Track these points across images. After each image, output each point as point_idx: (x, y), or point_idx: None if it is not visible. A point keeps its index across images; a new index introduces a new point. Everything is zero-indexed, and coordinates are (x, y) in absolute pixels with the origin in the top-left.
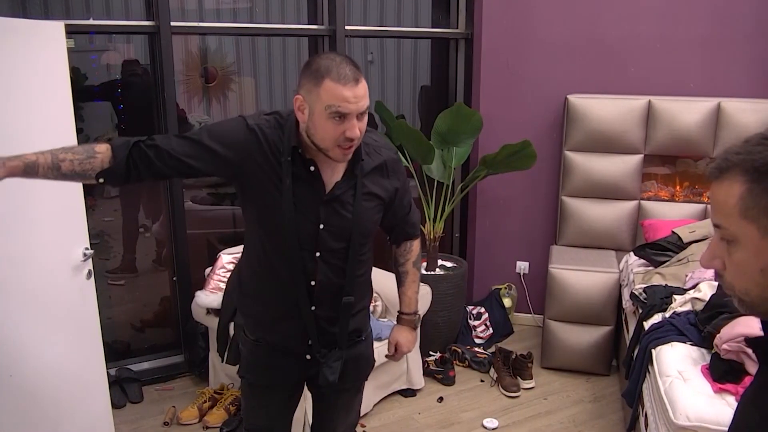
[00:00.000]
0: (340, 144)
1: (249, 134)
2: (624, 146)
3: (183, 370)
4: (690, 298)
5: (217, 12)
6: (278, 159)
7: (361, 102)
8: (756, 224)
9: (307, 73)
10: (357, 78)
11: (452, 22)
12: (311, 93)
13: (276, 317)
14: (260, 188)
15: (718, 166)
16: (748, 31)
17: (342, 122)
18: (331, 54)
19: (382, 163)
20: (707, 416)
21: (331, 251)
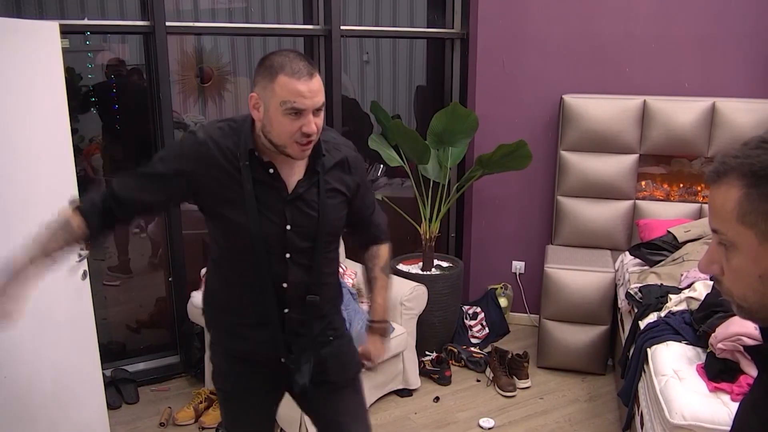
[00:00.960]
0: (297, 140)
1: (200, 147)
2: (619, 146)
3: (179, 370)
4: (685, 298)
5: (212, 12)
6: (236, 165)
7: (317, 97)
8: (754, 230)
9: (261, 69)
10: (311, 73)
11: (448, 22)
12: (266, 89)
13: (247, 325)
14: (221, 198)
15: (716, 170)
16: (742, 31)
17: (298, 118)
18: (284, 51)
19: (342, 159)
20: (702, 415)
21: (300, 251)
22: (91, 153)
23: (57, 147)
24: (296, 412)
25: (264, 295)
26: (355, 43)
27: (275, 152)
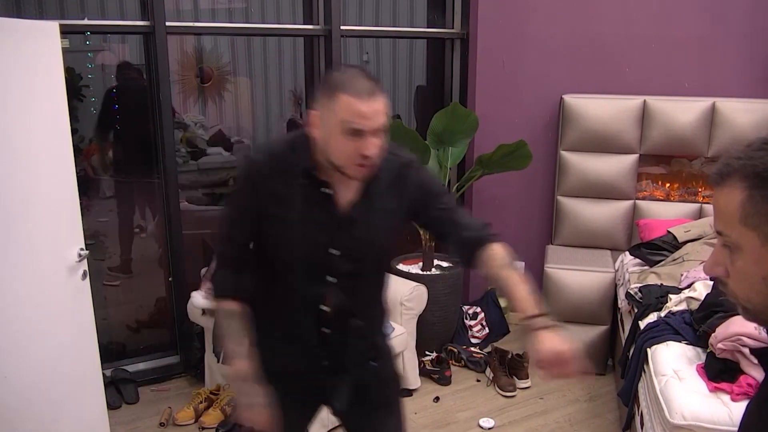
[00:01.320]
0: (356, 161)
1: (253, 171)
2: (619, 146)
3: (179, 370)
4: (685, 298)
5: (212, 12)
6: (291, 183)
7: (378, 118)
8: (757, 232)
9: (324, 87)
10: (373, 92)
11: (447, 22)
12: (326, 108)
13: (287, 343)
14: (274, 217)
15: (719, 171)
16: (742, 31)
17: (357, 139)
18: (347, 68)
19: (400, 177)
20: (703, 415)
21: (345, 274)
22: (91, 153)
23: (57, 147)
24: None
25: (304, 315)
26: (355, 43)
27: (332, 170)
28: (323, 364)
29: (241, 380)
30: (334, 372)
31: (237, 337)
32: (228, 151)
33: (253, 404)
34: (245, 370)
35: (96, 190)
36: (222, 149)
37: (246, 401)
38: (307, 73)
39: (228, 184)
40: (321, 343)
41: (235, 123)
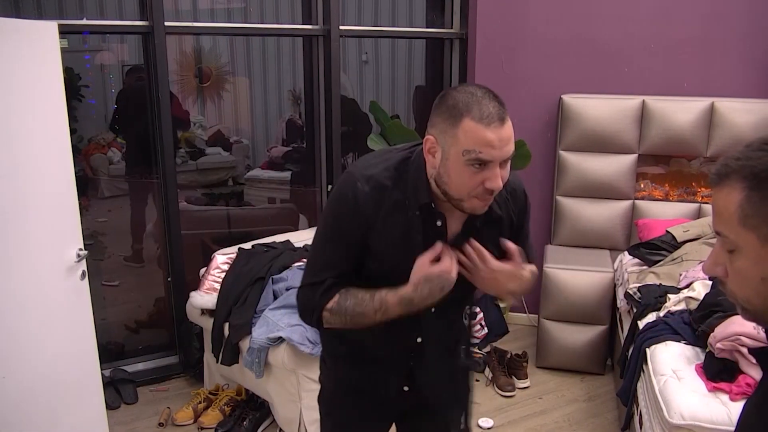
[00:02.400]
0: (477, 195)
1: (358, 203)
2: (618, 146)
3: (177, 370)
4: (684, 297)
5: (211, 12)
6: (400, 216)
7: (507, 147)
8: (756, 232)
9: (442, 109)
10: (503, 117)
11: (447, 22)
12: (446, 134)
13: (374, 362)
14: (379, 249)
15: (717, 172)
16: (741, 31)
17: (482, 170)
18: (470, 87)
19: (504, 214)
20: (701, 415)
21: (445, 307)
22: (90, 153)
23: (56, 147)
24: (295, 413)
25: (396, 344)
26: (354, 43)
27: (445, 202)
28: (404, 389)
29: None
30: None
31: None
32: (227, 151)
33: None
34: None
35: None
36: (221, 149)
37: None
38: (305, 73)
39: (227, 184)
40: (408, 366)
41: (233, 123)
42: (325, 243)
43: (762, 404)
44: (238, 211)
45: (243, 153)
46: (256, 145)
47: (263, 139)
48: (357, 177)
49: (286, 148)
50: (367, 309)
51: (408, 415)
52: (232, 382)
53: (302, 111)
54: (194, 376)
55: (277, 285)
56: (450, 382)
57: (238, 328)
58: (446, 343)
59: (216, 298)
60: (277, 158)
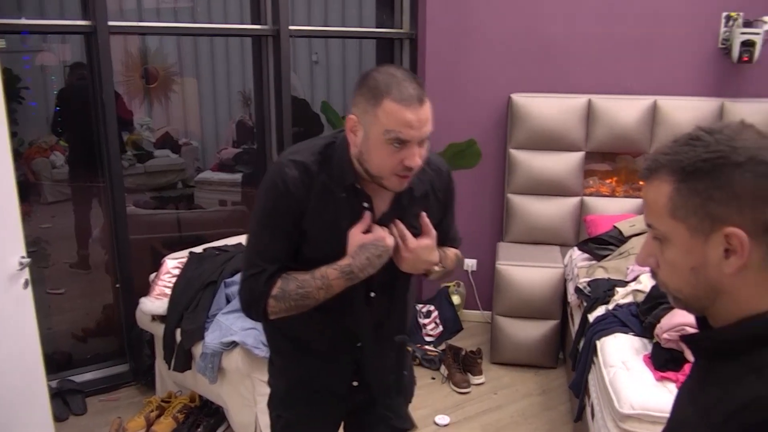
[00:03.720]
0: (397, 172)
1: (288, 187)
2: (566, 144)
3: (128, 379)
4: (631, 290)
5: (156, 12)
6: (328, 198)
7: (425, 127)
8: (685, 224)
9: (364, 89)
10: (421, 99)
11: (396, 23)
12: (367, 114)
13: (321, 355)
14: (311, 234)
15: (648, 166)
16: (682, 31)
17: (401, 149)
18: (391, 68)
19: (431, 187)
20: (650, 404)
21: (383, 289)
22: (32, 157)
23: None
24: (250, 417)
25: (343, 333)
26: (304, 44)
27: (370, 183)
28: (353, 384)
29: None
30: (362, 388)
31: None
32: (176, 153)
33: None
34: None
35: (38, 195)
36: (170, 151)
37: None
38: (255, 74)
39: (177, 187)
40: (355, 360)
41: (182, 125)
42: (261, 232)
43: (694, 389)
44: (188, 215)
45: (192, 155)
46: (205, 147)
47: (213, 141)
48: (284, 163)
49: (237, 150)
50: (310, 288)
51: (357, 412)
52: (185, 389)
53: (252, 112)
54: (145, 384)
55: (229, 289)
56: (395, 374)
57: (191, 333)
58: (389, 328)
59: (167, 303)
60: (227, 160)
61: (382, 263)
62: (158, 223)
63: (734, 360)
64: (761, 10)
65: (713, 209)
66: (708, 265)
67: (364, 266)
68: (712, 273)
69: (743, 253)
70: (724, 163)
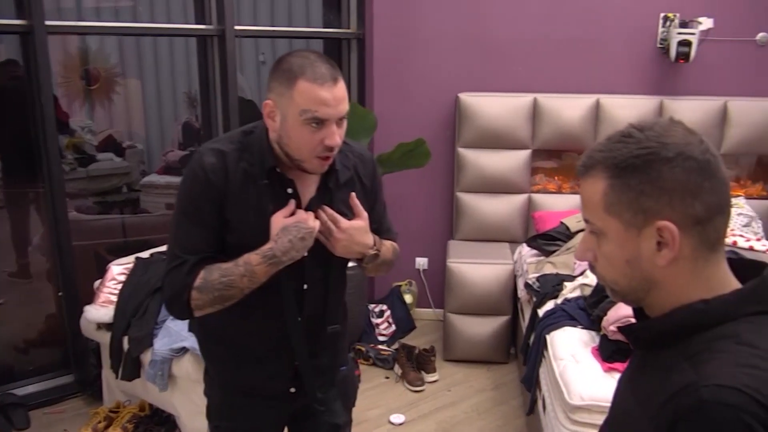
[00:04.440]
0: (317, 154)
1: (207, 175)
2: (513, 142)
3: (73, 390)
4: (579, 284)
5: (96, 11)
6: (250, 184)
7: (341, 105)
8: (619, 218)
9: (278, 73)
10: (335, 77)
11: (343, 23)
12: (283, 96)
13: (255, 358)
14: (236, 223)
15: (583, 164)
16: (623, 31)
17: (320, 129)
18: (303, 51)
19: (357, 171)
20: (599, 395)
21: (316, 279)
22: None
23: None
24: (203, 424)
25: (276, 329)
26: (250, 44)
27: (290, 166)
28: (291, 390)
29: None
30: (301, 388)
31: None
32: (120, 156)
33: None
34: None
35: None
36: (113, 155)
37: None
38: (201, 75)
39: (121, 191)
40: (294, 354)
41: (126, 127)
42: (181, 222)
43: (633, 378)
44: (133, 219)
45: (137, 158)
46: (151, 150)
47: (158, 143)
48: (203, 152)
49: (184, 152)
50: (233, 277)
51: (299, 418)
52: (134, 398)
53: (199, 113)
54: (92, 395)
55: None
56: (331, 370)
57: (139, 340)
58: (327, 318)
59: (113, 310)
60: (174, 162)
61: (306, 246)
62: (102, 228)
63: (669, 348)
64: (697, 10)
65: (645, 203)
66: (642, 258)
67: (287, 249)
68: (645, 265)
69: (674, 246)
70: (654, 158)
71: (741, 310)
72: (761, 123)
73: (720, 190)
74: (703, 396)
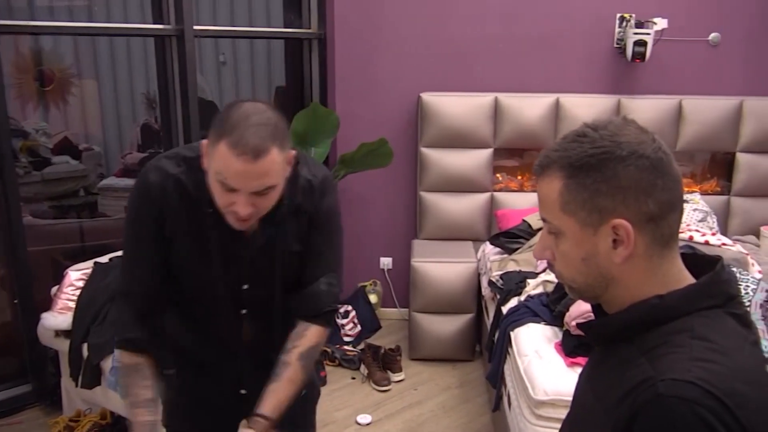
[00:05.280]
0: (230, 214)
1: (152, 195)
2: (475, 141)
3: (31, 400)
4: (542, 281)
5: (50, 10)
6: (194, 210)
7: (257, 181)
8: (575, 217)
9: (218, 119)
10: (259, 152)
11: (304, 23)
12: (211, 146)
13: (204, 375)
14: (186, 247)
15: (540, 163)
16: (581, 31)
17: (231, 194)
18: (252, 106)
19: (303, 198)
20: (562, 389)
21: (258, 307)
22: None
23: None
24: None
25: (219, 354)
26: (210, 44)
27: None
28: (241, 392)
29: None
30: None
31: (141, 389)
32: (76, 159)
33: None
34: (149, 422)
35: None
36: (69, 158)
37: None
38: (159, 75)
39: (78, 195)
40: (240, 377)
41: (82, 129)
42: (128, 242)
43: (592, 374)
44: (92, 223)
45: (94, 161)
46: (108, 152)
47: (116, 146)
48: (148, 169)
49: (143, 155)
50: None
51: None
52: (96, 406)
53: (158, 115)
54: (51, 404)
55: None
56: None
57: (99, 347)
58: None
59: (71, 317)
60: (132, 165)
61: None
62: (59, 233)
63: (627, 344)
64: (652, 11)
65: (600, 202)
66: (598, 255)
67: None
68: (602, 262)
69: (629, 243)
70: (608, 157)
71: (695, 305)
72: (715, 121)
73: (672, 187)
74: (660, 390)
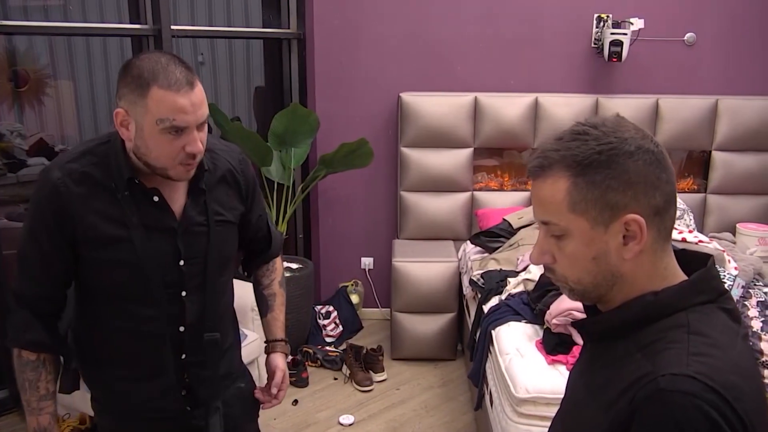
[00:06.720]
0: (180, 161)
1: (54, 193)
2: (455, 141)
3: (9, 406)
4: (522, 280)
5: (23, 9)
6: (109, 198)
7: (200, 110)
8: (585, 216)
9: (128, 79)
10: (191, 82)
11: (283, 23)
12: (136, 105)
13: (138, 378)
14: (102, 240)
15: (539, 164)
16: (559, 31)
17: (179, 136)
18: (154, 54)
19: (228, 170)
20: (544, 386)
21: (195, 286)
22: None
23: None
24: None
25: (158, 342)
26: (188, 44)
27: (153, 175)
28: (186, 393)
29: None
30: (200, 398)
31: (36, 390)
32: None
33: None
34: (47, 426)
35: None
36: (45, 159)
37: None
38: None
39: None
40: (180, 370)
41: (58, 130)
42: (25, 244)
43: (585, 371)
44: None
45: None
46: None
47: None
48: (50, 168)
49: None
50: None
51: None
52: (74, 411)
53: None
54: None
55: None
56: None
57: None
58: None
59: None
60: None
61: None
62: None
63: (623, 340)
64: (628, 11)
65: (612, 198)
66: (609, 253)
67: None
68: (612, 260)
69: (642, 238)
70: (617, 153)
71: (689, 301)
72: (691, 119)
73: (671, 180)
74: (661, 385)
